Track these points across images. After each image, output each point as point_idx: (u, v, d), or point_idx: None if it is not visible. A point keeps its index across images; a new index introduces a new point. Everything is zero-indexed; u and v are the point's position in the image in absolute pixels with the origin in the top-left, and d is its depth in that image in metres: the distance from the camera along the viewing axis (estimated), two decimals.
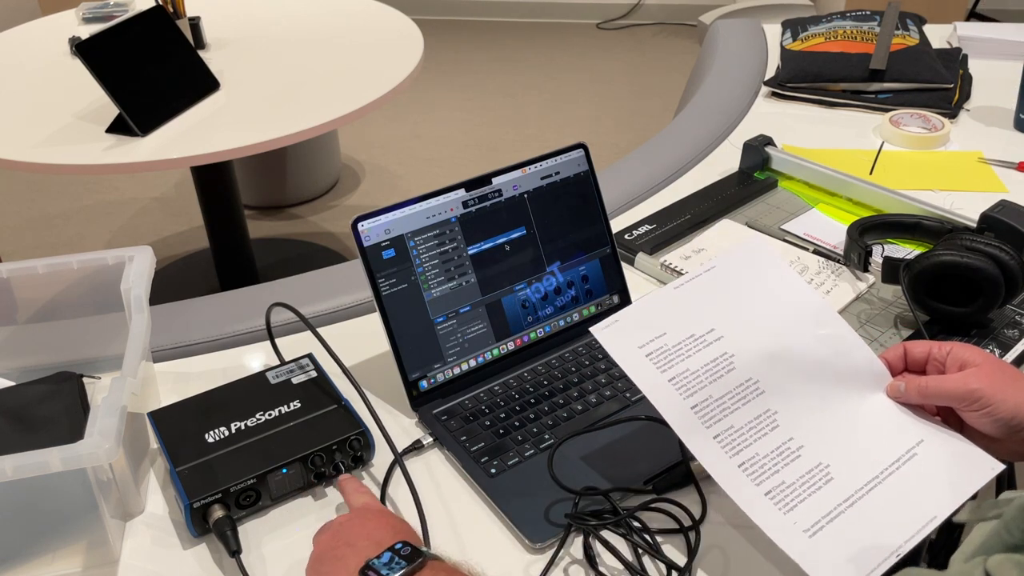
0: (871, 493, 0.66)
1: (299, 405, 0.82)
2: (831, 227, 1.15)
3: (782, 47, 1.66)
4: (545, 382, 0.89)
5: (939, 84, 1.49)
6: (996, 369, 0.70)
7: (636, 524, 0.73)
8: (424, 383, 0.87)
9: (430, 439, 0.84)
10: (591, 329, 0.72)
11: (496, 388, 0.89)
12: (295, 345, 0.98)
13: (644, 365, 0.70)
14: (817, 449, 0.68)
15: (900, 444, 0.70)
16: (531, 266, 0.93)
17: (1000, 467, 0.69)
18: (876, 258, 1.02)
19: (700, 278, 0.76)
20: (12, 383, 0.86)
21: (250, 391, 0.84)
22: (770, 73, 1.63)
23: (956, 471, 0.69)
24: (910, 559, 0.63)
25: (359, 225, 0.84)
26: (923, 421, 0.72)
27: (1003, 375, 0.70)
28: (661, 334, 0.72)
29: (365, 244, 0.84)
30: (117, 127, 1.63)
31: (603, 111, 3.51)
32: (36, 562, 0.72)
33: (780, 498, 0.65)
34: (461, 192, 0.89)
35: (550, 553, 0.73)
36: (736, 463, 0.67)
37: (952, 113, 1.45)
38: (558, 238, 0.94)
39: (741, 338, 0.72)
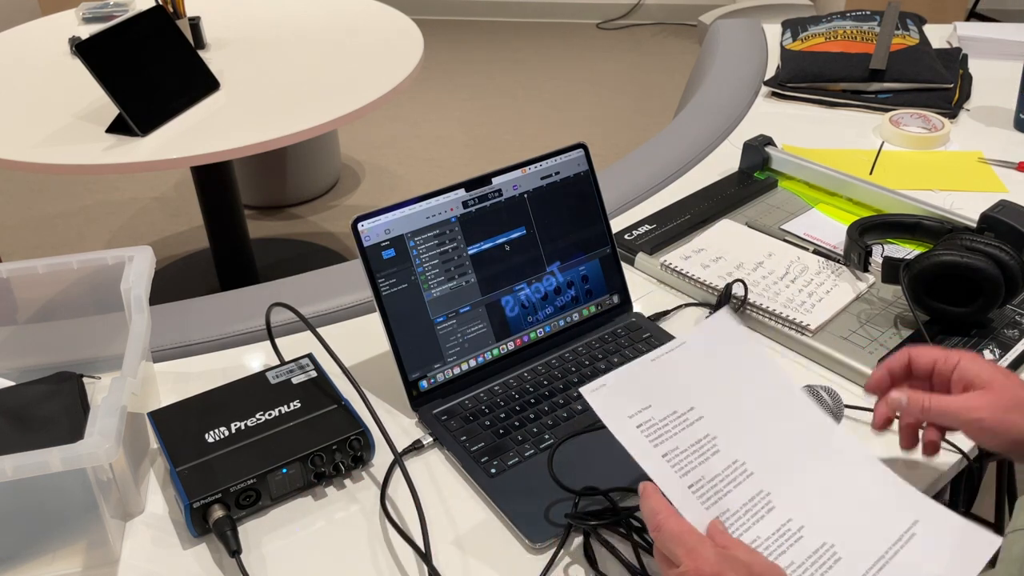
0: (881, 573, 0.65)
1: (299, 405, 0.82)
2: (831, 227, 1.15)
3: (782, 47, 1.66)
4: (545, 382, 0.89)
5: (939, 84, 1.49)
6: (1003, 391, 0.67)
7: (636, 524, 0.73)
8: (424, 383, 0.87)
9: (430, 439, 0.84)
10: (581, 390, 0.69)
11: (496, 388, 0.89)
12: (295, 345, 0.98)
13: (637, 437, 0.68)
14: (819, 530, 0.67)
15: (898, 524, 0.68)
16: (531, 266, 0.93)
17: (998, 541, 0.66)
18: (876, 258, 1.02)
19: (673, 353, 0.74)
20: (12, 383, 0.86)
21: (250, 391, 0.84)
22: (770, 73, 1.63)
23: (958, 551, 0.67)
24: None
25: (359, 225, 0.84)
26: (914, 498, 0.70)
27: (1010, 397, 0.66)
28: (647, 406, 0.69)
29: (365, 244, 0.84)
30: (117, 127, 1.63)
31: (603, 111, 3.51)
32: (36, 562, 0.72)
33: None
34: (461, 192, 0.89)
35: (550, 553, 0.73)
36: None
37: (952, 113, 1.45)
38: (558, 238, 0.94)
39: (720, 420, 0.71)
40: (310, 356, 0.88)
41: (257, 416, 0.81)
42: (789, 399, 0.75)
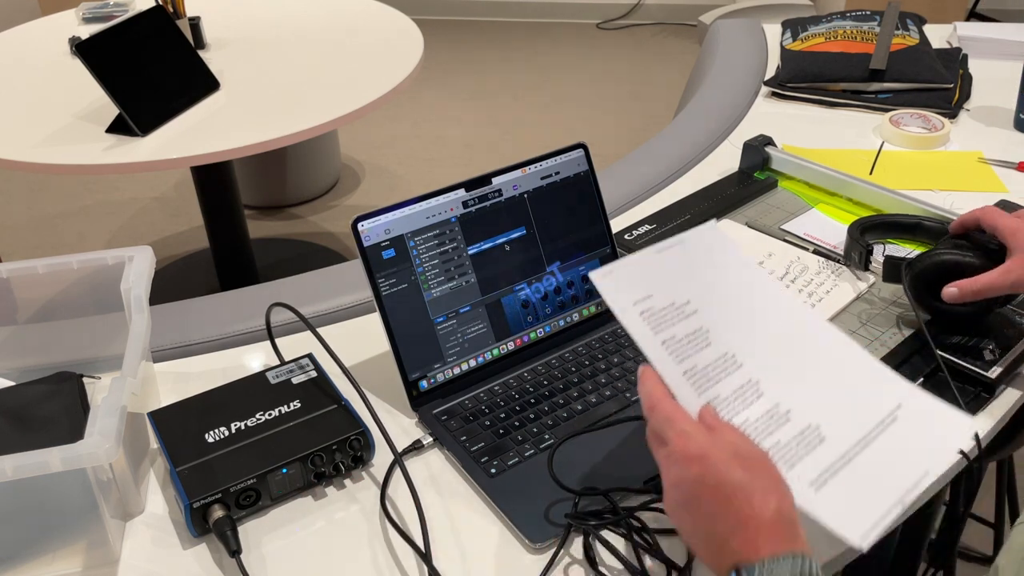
0: (864, 452, 0.69)
1: (299, 405, 0.82)
2: (831, 227, 1.15)
3: (782, 47, 1.66)
4: (545, 382, 0.89)
5: (939, 84, 1.49)
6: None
7: (636, 524, 0.73)
8: (424, 383, 0.87)
9: (430, 439, 0.84)
10: (590, 274, 0.72)
11: (496, 388, 0.89)
12: (295, 345, 0.98)
13: (639, 323, 0.71)
14: (805, 412, 0.70)
15: (881, 408, 0.73)
16: (531, 266, 0.93)
17: (973, 425, 0.73)
18: (877, 257, 1.02)
19: (674, 248, 0.77)
20: (12, 383, 0.86)
21: (250, 391, 0.84)
22: (770, 73, 1.63)
23: (938, 431, 0.72)
24: (913, 544, 0.63)
25: (359, 225, 0.84)
26: (898, 384, 0.74)
27: None
28: (648, 295, 0.73)
29: (365, 244, 0.84)
30: (117, 127, 1.63)
31: (603, 111, 3.51)
32: (36, 562, 0.72)
33: (780, 456, 0.67)
34: (461, 192, 0.89)
35: (550, 553, 0.73)
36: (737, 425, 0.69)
37: (952, 113, 1.45)
38: (558, 238, 0.94)
39: (712, 314, 0.75)
40: (310, 356, 0.88)
41: (257, 416, 0.81)
42: (777, 295, 0.78)
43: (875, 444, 0.70)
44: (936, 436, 0.71)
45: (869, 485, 0.67)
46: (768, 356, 0.73)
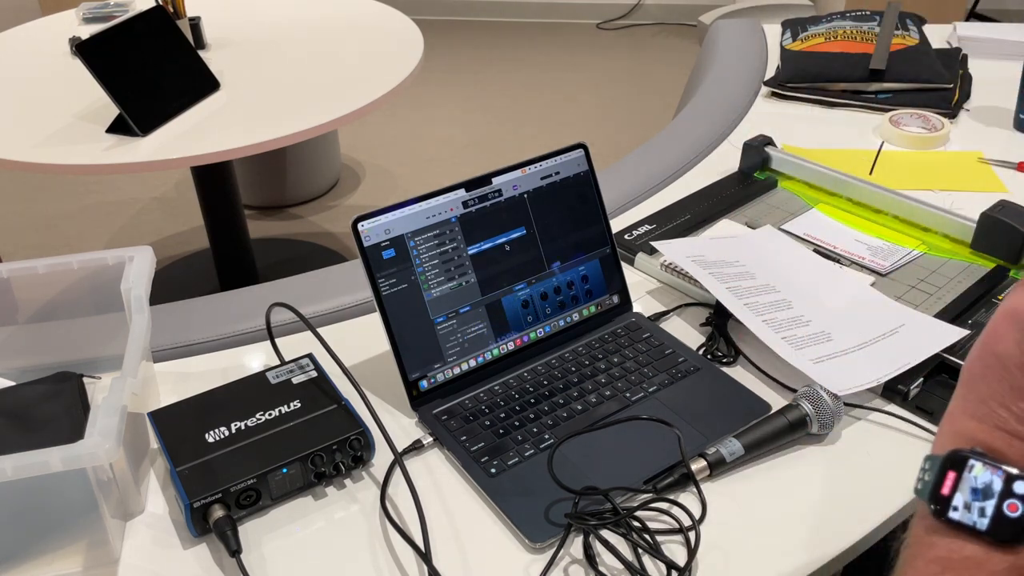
0: (862, 351, 0.89)
1: (299, 405, 0.82)
2: (831, 227, 1.15)
3: (782, 47, 1.66)
4: (545, 382, 0.89)
5: (939, 84, 1.49)
6: None
7: (636, 524, 0.73)
8: (424, 383, 0.87)
9: (430, 439, 0.84)
10: (654, 243, 1.03)
11: (496, 388, 0.89)
12: (295, 345, 0.98)
13: (691, 263, 0.97)
14: (819, 322, 0.93)
15: (886, 325, 0.92)
16: (531, 266, 0.93)
17: (960, 333, 0.88)
18: None
19: (727, 240, 1.03)
20: (12, 383, 0.86)
21: (250, 391, 0.84)
22: (770, 73, 1.63)
23: (928, 339, 0.89)
24: None
25: (359, 225, 0.84)
26: (905, 311, 0.94)
27: None
28: (701, 255, 1.00)
29: (365, 244, 0.84)
30: (117, 127, 1.63)
31: (603, 111, 3.51)
32: (36, 562, 0.72)
33: (794, 343, 0.89)
34: (461, 192, 0.89)
35: (550, 553, 0.73)
36: (761, 320, 0.92)
37: (952, 113, 1.45)
38: (558, 238, 0.94)
39: (756, 266, 1.00)
40: (310, 356, 0.88)
41: (257, 416, 0.81)
42: (812, 256, 1.05)
43: (873, 346, 0.89)
44: (925, 342, 0.88)
45: (857, 367, 0.86)
46: (799, 288, 0.97)
